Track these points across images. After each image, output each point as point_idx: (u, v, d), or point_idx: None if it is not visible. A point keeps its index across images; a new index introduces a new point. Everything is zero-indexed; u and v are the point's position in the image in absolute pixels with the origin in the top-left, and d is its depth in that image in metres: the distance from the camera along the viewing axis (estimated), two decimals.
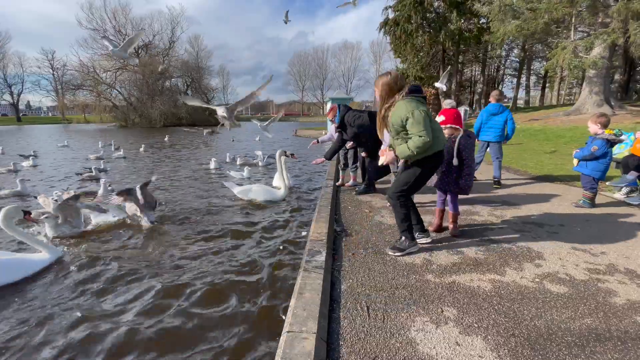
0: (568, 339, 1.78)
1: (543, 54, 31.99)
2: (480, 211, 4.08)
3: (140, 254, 3.55)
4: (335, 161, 8.39)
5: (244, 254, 3.56)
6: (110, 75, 46.99)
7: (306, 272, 2.38)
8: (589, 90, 15.91)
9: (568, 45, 14.51)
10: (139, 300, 2.67)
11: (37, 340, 2.20)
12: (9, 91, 61.73)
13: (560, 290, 2.26)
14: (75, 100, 49.60)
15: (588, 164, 4.15)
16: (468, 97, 41.44)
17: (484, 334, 1.81)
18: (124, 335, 2.23)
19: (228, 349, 2.13)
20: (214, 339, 2.23)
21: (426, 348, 1.71)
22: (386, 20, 26.48)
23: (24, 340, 2.20)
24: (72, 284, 2.94)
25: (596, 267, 2.60)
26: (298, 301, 2.01)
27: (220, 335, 2.26)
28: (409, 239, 2.83)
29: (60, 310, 2.53)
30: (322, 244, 2.89)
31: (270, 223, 4.52)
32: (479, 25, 24.99)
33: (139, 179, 7.61)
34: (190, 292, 2.78)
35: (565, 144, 11.33)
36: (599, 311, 2.03)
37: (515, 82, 37.12)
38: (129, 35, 48.84)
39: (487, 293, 2.23)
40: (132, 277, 3.04)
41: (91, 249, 3.65)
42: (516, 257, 2.78)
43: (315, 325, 1.77)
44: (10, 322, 2.39)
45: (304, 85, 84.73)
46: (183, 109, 46.53)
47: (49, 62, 59.77)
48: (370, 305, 2.08)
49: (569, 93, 42.89)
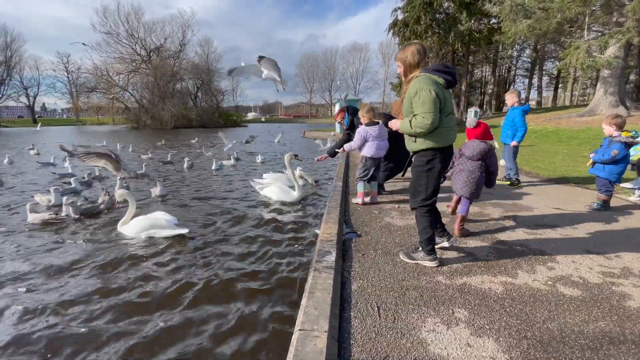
0: (581, 342, 1.76)
1: (555, 54, 31.47)
2: (491, 213, 4.05)
3: (152, 253, 3.63)
4: (344, 161, 8.42)
5: (253, 253, 3.60)
6: (123, 77, 47.93)
7: (317, 272, 2.41)
8: (604, 90, 15.57)
9: (581, 45, 14.25)
10: (148, 297, 2.73)
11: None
12: (25, 93, 63.45)
13: (574, 294, 2.24)
14: (89, 102, 50.76)
15: (605, 167, 4.08)
16: (478, 98, 40.98)
17: (495, 336, 1.81)
18: (133, 332, 2.29)
19: (240, 346, 2.17)
20: (227, 335, 2.27)
21: (437, 349, 1.71)
22: (395, 22, 26.37)
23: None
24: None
25: (610, 271, 2.56)
26: (309, 300, 2.04)
27: (232, 332, 2.30)
28: (425, 252, 2.63)
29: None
30: (332, 244, 2.91)
31: (280, 223, 4.56)
32: (489, 26, 24.69)
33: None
34: (200, 289, 2.83)
35: (578, 145, 11.12)
36: (613, 314, 2.00)
37: (527, 83, 36.54)
38: (141, 38, 49.87)
39: (499, 295, 2.22)
40: (144, 275, 3.11)
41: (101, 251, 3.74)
42: (528, 259, 2.76)
43: (327, 324, 1.80)
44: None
45: (312, 87, 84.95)
46: (193, 111, 47.17)
47: (64, 65, 61.29)
48: (380, 306, 2.10)
49: (583, 94, 42.07)
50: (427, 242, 2.60)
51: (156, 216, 4.13)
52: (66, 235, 4.15)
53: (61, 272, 3.18)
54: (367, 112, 4.28)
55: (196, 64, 53.53)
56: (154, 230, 4.02)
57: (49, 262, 3.34)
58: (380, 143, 4.29)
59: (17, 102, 64.67)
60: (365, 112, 4.29)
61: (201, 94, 53.41)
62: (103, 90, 47.04)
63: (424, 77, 2.34)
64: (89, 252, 3.60)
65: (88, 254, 3.56)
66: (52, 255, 3.53)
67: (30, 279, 3.05)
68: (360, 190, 4.47)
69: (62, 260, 3.39)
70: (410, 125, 2.36)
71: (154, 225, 4.03)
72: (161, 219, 4.07)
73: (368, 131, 4.23)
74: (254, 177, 6.94)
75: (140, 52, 50.49)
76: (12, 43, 56.52)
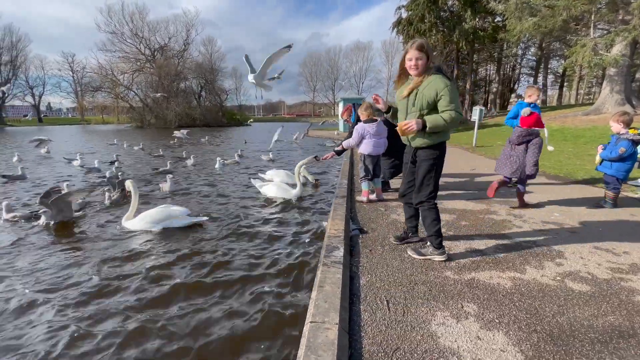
0: (591, 336, 1.77)
1: (561, 52, 31.21)
2: (498, 210, 4.05)
3: (155, 250, 3.66)
4: (349, 159, 8.43)
5: (260, 248, 3.62)
6: (128, 77, 48.13)
7: (325, 267, 2.43)
8: (610, 89, 15.45)
9: (588, 43, 14.14)
10: (164, 295, 2.77)
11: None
12: (30, 93, 64.03)
13: (583, 289, 2.25)
14: (94, 101, 51.03)
15: (613, 164, 4.06)
16: (483, 97, 40.77)
17: (505, 329, 1.82)
18: (147, 326, 2.32)
19: (251, 336, 2.19)
20: (238, 326, 2.30)
21: (447, 341, 1.73)
22: (399, 20, 26.28)
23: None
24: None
25: (619, 267, 2.56)
26: (319, 294, 2.06)
27: (241, 323, 2.32)
28: (434, 246, 2.66)
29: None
30: (340, 240, 2.94)
31: (286, 220, 4.58)
32: (494, 24, 24.56)
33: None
34: (211, 285, 2.86)
35: (584, 144, 11.04)
36: (622, 309, 2.01)
37: (532, 81, 36.31)
38: (145, 38, 50.08)
39: (507, 290, 2.23)
40: (158, 274, 3.15)
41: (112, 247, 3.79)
42: (536, 255, 2.76)
43: (337, 316, 1.82)
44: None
45: (315, 86, 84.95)
46: (197, 110, 47.30)
47: (69, 64, 61.67)
48: (390, 300, 2.12)
49: (588, 92, 41.69)
50: (437, 235, 2.63)
51: (170, 208, 4.19)
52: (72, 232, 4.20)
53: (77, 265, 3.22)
54: (365, 109, 4.28)
55: (200, 63, 53.67)
56: (169, 221, 4.07)
57: (56, 260, 3.40)
58: (379, 140, 4.29)
59: (22, 102, 65.31)
60: (364, 110, 4.28)
61: (205, 93, 53.55)
62: (108, 89, 47.28)
63: (442, 76, 2.39)
64: (91, 249, 3.65)
65: (90, 250, 3.61)
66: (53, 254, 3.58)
67: (41, 275, 3.10)
68: (365, 188, 4.48)
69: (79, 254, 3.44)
70: (444, 119, 2.34)
71: (170, 216, 4.07)
72: (175, 210, 4.13)
73: (366, 128, 4.24)
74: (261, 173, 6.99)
75: (145, 51, 50.70)
76: (18, 43, 57.02)
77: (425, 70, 2.42)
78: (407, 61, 2.45)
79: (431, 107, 2.42)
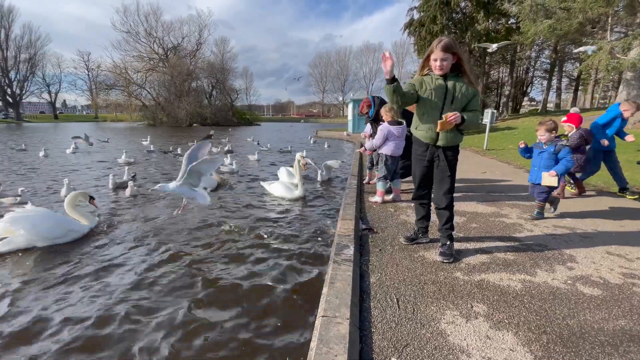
0: (601, 339, 1.78)
1: (576, 55, 30.63)
2: (509, 213, 4.03)
3: (180, 247, 3.76)
4: (358, 160, 8.46)
5: (269, 247, 3.68)
6: (141, 75, 48.99)
7: (336, 264, 2.47)
8: (627, 93, 15.11)
9: (604, 46, 13.88)
10: (186, 290, 2.85)
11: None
12: (47, 90, 65.73)
13: (594, 293, 2.24)
14: (108, 99, 52.10)
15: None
16: (495, 100, 40.24)
17: (514, 330, 1.84)
18: (167, 321, 2.40)
19: (265, 332, 2.25)
20: (250, 320, 2.36)
21: (457, 339, 1.76)
22: (411, 21, 26.15)
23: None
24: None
25: (632, 272, 2.54)
26: (330, 290, 2.10)
27: (254, 319, 2.38)
28: (446, 237, 2.76)
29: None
30: (350, 238, 2.98)
31: (294, 219, 4.63)
32: (507, 26, 24.28)
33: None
34: (221, 281, 2.93)
35: None
36: (633, 314, 2.00)
37: (546, 85, 35.69)
38: (159, 37, 50.82)
39: (517, 292, 2.24)
40: (175, 273, 3.24)
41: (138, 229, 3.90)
42: (547, 259, 2.76)
43: (348, 312, 1.86)
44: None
45: (324, 87, 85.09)
46: (208, 109, 47.89)
47: (84, 63, 63.14)
48: (399, 298, 2.15)
49: (604, 96, 40.81)
50: (453, 226, 2.77)
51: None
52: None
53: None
54: (389, 110, 4.31)
55: (211, 62, 54.32)
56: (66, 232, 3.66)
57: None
58: (400, 142, 4.33)
59: (39, 99, 67.03)
60: (388, 111, 4.31)
61: (216, 93, 54.18)
62: (121, 87, 48.19)
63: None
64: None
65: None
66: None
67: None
68: (381, 189, 4.49)
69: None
70: (478, 120, 2.49)
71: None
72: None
73: (390, 130, 4.27)
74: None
75: (158, 50, 51.52)
76: (37, 41, 58.55)
77: (449, 70, 2.47)
78: (432, 61, 2.48)
79: (464, 104, 2.54)
